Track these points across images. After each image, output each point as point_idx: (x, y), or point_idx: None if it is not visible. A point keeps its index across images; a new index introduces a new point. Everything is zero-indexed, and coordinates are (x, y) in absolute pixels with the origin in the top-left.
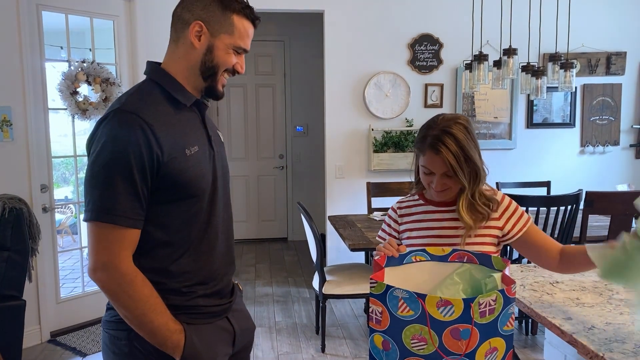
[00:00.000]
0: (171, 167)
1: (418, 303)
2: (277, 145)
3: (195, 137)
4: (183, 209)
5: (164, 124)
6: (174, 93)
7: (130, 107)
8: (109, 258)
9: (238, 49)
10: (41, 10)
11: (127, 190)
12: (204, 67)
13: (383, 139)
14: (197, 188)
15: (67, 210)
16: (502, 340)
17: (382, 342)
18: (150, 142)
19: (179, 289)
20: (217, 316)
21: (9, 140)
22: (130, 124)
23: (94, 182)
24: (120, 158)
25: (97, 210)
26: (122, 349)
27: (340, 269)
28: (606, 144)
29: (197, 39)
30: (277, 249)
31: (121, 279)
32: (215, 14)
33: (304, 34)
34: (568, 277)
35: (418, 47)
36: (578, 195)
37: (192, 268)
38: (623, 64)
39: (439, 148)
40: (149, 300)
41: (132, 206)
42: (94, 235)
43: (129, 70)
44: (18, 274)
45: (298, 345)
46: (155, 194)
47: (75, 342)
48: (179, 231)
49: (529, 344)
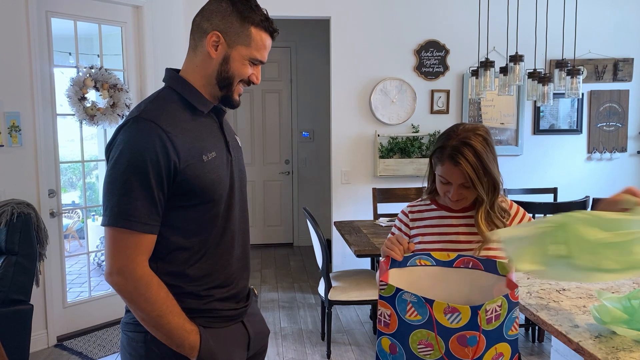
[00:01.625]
0: (188, 173)
1: (426, 308)
2: (283, 151)
3: (212, 143)
4: (200, 214)
5: (182, 131)
6: (192, 100)
7: (149, 115)
8: (125, 262)
9: (254, 60)
10: (50, 16)
11: (144, 196)
12: (219, 77)
13: (389, 144)
14: (214, 193)
15: (74, 215)
16: (507, 345)
17: (390, 345)
18: (167, 149)
19: (196, 293)
20: (232, 320)
21: (17, 145)
22: (148, 132)
23: (112, 188)
24: (137, 165)
25: (114, 216)
26: (139, 351)
27: (346, 275)
28: (613, 151)
29: (214, 49)
30: (283, 254)
31: (137, 282)
32: (233, 25)
33: (310, 40)
34: (575, 285)
35: (424, 54)
36: (585, 202)
37: (208, 272)
38: (630, 70)
39: (457, 160)
40: (165, 303)
41: (149, 212)
42: (111, 240)
43: (136, 76)
44: (26, 278)
45: (304, 352)
46: (173, 199)
47: (82, 346)
48: (196, 235)
49: (535, 351)
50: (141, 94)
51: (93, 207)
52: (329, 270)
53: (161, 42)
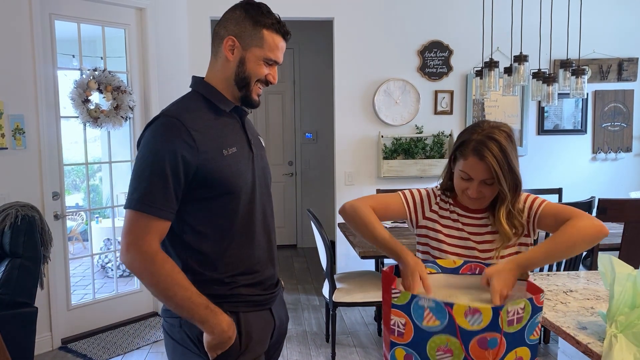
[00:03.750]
0: (208, 166)
1: (445, 312)
2: (287, 152)
3: (233, 139)
4: (222, 204)
5: (203, 128)
6: (214, 101)
7: (172, 113)
8: (133, 240)
9: (268, 60)
10: (54, 19)
11: (161, 185)
12: (237, 78)
13: (393, 145)
14: (235, 185)
15: (78, 218)
16: (527, 350)
17: (405, 356)
18: (187, 142)
19: (220, 280)
20: (260, 305)
21: (21, 148)
22: (169, 127)
23: (135, 175)
24: (157, 158)
25: (133, 200)
26: (175, 335)
27: (350, 276)
28: (618, 151)
29: (231, 52)
30: (287, 256)
31: (142, 257)
32: (247, 29)
33: (313, 42)
34: (582, 286)
35: (428, 54)
36: (590, 203)
37: (231, 260)
38: (635, 69)
39: (483, 154)
40: (171, 275)
41: (164, 199)
42: (127, 222)
43: (140, 78)
44: (30, 281)
45: (308, 354)
46: (196, 190)
47: (86, 349)
48: (219, 225)
49: (541, 352)
50: (144, 95)
51: (97, 210)
52: (333, 272)
53: (164, 44)
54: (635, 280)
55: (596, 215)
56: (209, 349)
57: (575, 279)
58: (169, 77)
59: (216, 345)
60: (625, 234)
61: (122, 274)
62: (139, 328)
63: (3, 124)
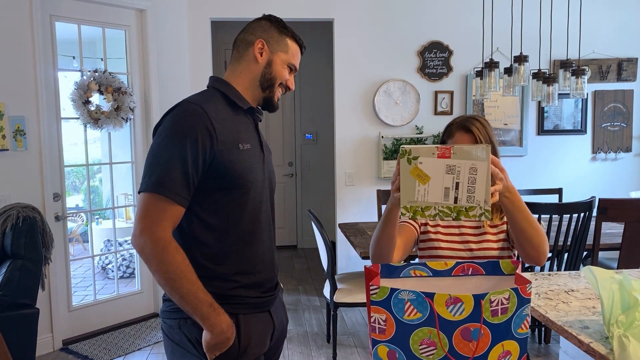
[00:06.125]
0: (225, 156)
1: (426, 303)
2: (287, 153)
3: (248, 137)
4: (233, 198)
5: (222, 120)
6: (233, 97)
7: (195, 100)
8: (148, 224)
9: (291, 65)
10: (54, 20)
11: (180, 170)
12: (263, 79)
13: (393, 146)
14: (247, 179)
15: (78, 219)
16: (515, 344)
17: (388, 352)
18: (209, 131)
19: (223, 276)
20: (258, 308)
21: (22, 149)
22: (192, 113)
23: (153, 159)
24: (178, 141)
25: (151, 184)
26: (175, 337)
27: (351, 277)
28: (618, 151)
29: (260, 54)
30: (287, 256)
31: (155, 244)
32: (274, 36)
33: (313, 43)
34: (583, 286)
35: (428, 55)
36: (591, 203)
37: (235, 256)
38: (634, 70)
39: (469, 126)
40: (179, 267)
41: (182, 185)
42: (143, 205)
43: (140, 79)
44: (31, 282)
45: (309, 354)
46: (208, 180)
47: (87, 350)
48: (227, 218)
49: (542, 352)
50: (145, 97)
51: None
52: (334, 273)
53: (165, 45)
54: (621, 282)
55: (596, 215)
56: (208, 349)
57: (576, 278)
58: (169, 79)
59: (215, 345)
60: (626, 233)
61: (123, 275)
62: (140, 329)
63: (4, 126)
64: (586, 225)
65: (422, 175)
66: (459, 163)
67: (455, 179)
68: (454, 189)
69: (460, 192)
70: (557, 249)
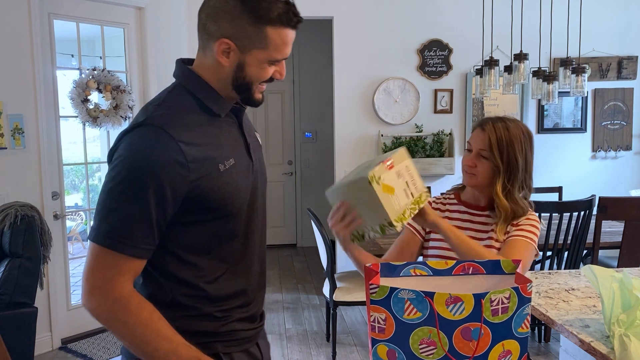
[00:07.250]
0: (202, 186)
1: (426, 302)
2: (286, 152)
3: (230, 149)
4: (217, 228)
5: (196, 137)
6: (207, 102)
7: (157, 121)
8: (100, 282)
9: (274, 61)
10: (53, 18)
11: (140, 214)
12: (236, 83)
13: (393, 144)
14: (232, 206)
15: (77, 217)
16: (516, 343)
17: (387, 352)
18: (176, 160)
19: (214, 314)
20: (249, 341)
21: (21, 148)
22: (154, 140)
23: (105, 200)
24: (137, 179)
25: (101, 232)
26: None
27: (350, 275)
28: (618, 149)
29: (225, 56)
30: (287, 255)
31: (112, 305)
32: (245, 29)
33: (312, 41)
34: (583, 284)
35: (427, 53)
36: (591, 201)
37: (230, 291)
38: (634, 68)
39: (484, 127)
40: (149, 325)
41: (143, 234)
42: (92, 258)
43: (139, 77)
44: (30, 281)
45: (309, 353)
46: (186, 215)
47: (86, 349)
48: (214, 252)
49: (542, 351)
50: (144, 95)
51: None
52: (334, 271)
53: (164, 43)
54: (622, 281)
55: (596, 214)
56: None
57: (576, 277)
58: (168, 77)
59: None
60: (626, 232)
61: None
62: None
63: (2, 124)
64: (586, 224)
65: (389, 188)
66: (399, 167)
67: (404, 180)
68: (408, 188)
69: (411, 187)
70: (557, 248)
